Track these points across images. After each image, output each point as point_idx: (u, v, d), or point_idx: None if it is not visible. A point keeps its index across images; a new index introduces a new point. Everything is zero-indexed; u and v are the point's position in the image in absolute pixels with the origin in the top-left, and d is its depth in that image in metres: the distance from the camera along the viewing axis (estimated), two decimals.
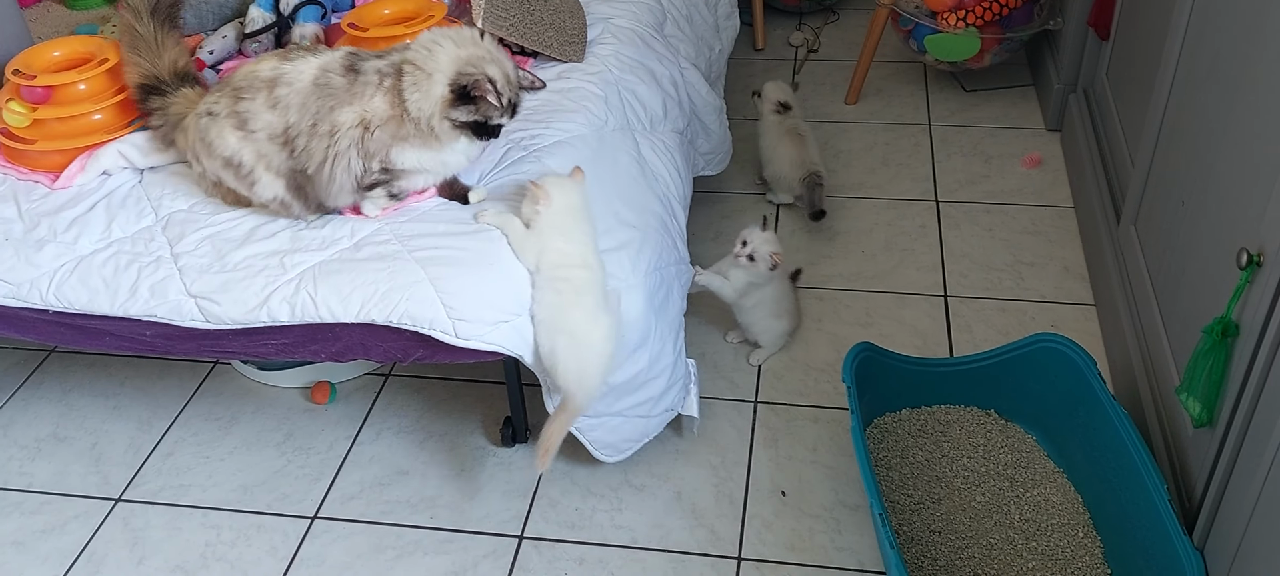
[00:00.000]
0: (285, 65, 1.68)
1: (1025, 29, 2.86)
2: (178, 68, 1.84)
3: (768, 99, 2.65)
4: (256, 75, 1.67)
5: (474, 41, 1.67)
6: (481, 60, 1.65)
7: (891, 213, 2.62)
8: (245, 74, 1.69)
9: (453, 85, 1.62)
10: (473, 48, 1.66)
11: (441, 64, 1.63)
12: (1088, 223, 2.41)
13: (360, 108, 1.64)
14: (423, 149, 1.67)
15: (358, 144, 1.65)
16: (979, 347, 2.17)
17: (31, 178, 1.85)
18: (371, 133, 1.65)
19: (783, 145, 2.58)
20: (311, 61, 1.68)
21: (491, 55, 1.66)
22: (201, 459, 2.04)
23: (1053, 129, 2.89)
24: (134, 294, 1.67)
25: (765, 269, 2.03)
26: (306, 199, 1.70)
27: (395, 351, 1.69)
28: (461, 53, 1.65)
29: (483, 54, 1.66)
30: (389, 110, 1.64)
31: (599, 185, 1.86)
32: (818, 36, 3.50)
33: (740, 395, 2.10)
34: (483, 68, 1.64)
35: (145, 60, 1.81)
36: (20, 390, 2.24)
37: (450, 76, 1.63)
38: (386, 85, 1.64)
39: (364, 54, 1.70)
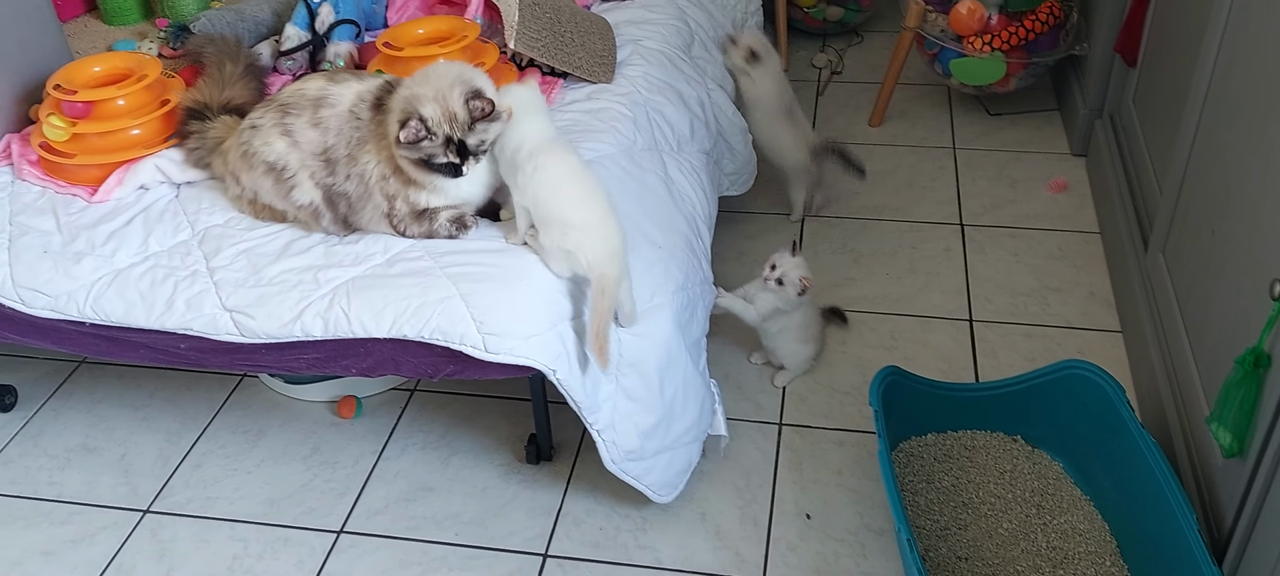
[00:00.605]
0: (331, 86, 1.72)
1: (1051, 54, 2.86)
2: (232, 103, 1.91)
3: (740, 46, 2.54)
4: (303, 93, 1.72)
5: (433, 76, 1.63)
6: (421, 98, 1.61)
7: (916, 235, 2.62)
8: (292, 91, 1.73)
9: (398, 122, 1.62)
10: (422, 85, 1.62)
11: (397, 100, 1.64)
12: (1114, 249, 2.41)
13: (376, 157, 1.68)
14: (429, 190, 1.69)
15: (381, 187, 1.70)
16: (1004, 373, 2.16)
17: (70, 191, 1.87)
18: (388, 179, 1.69)
19: (778, 128, 2.56)
20: (353, 87, 1.72)
21: (439, 92, 1.61)
22: (229, 471, 2.06)
23: (1078, 154, 2.89)
24: (170, 307, 1.69)
25: (794, 294, 2.03)
26: (335, 212, 1.73)
27: (425, 367, 1.70)
28: (410, 90, 1.63)
29: (427, 92, 1.61)
30: (392, 157, 1.68)
31: (627, 204, 1.88)
32: (841, 58, 3.51)
33: (765, 417, 2.10)
34: (417, 107, 1.60)
35: (207, 90, 1.89)
36: (51, 400, 2.26)
37: (397, 114, 1.63)
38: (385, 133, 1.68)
39: (396, 83, 1.72)
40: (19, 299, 1.75)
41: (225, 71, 1.92)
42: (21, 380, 2.30)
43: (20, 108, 2.03)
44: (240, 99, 1.93)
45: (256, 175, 1.75)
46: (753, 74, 2.52)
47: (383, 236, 1.75)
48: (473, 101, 1.62)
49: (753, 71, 2.52)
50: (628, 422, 1.76)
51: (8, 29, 1.98)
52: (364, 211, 1.72)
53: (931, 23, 2.94)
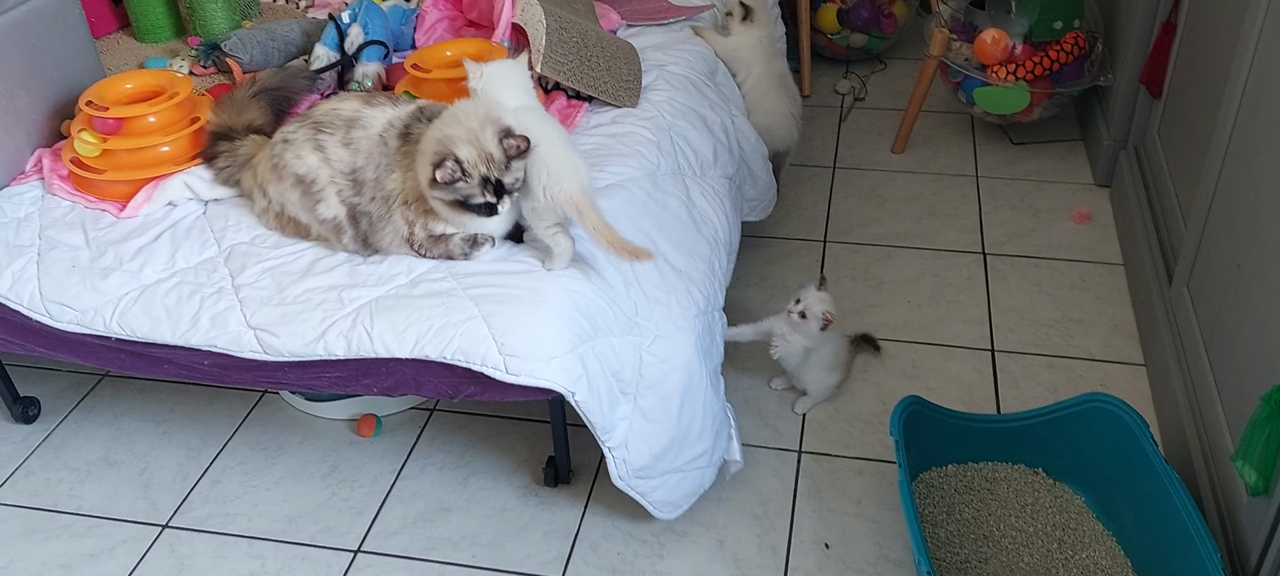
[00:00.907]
0: (365, 109, 1.74)
1: (1076, 84, 2.85)
2: (253, 124, 1.93)
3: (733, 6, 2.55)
4: (338, 113, 1.74)
5: (467, 115, 1.63)
6: (454, 139, 1.60)
7: (938, 263, 2.61)
8: (327, 110, 1.75)
9: (432, 164, 1.62)
10: (452, 126, 1.62)
11: (428, 142, 1.64)
12: (1138, 281, 2.40)
13: (401, 183, 1.69)
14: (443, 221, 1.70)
15: (402, 211, 1.71)
16: (1026, 404, 2.15)
17: (99, 206, 1.89)
18: (409, 205, 1.70)
19: (773, 95, 2.55)
20: (386, 111, 1.73)
21: (472, 133, 1.61)
22: (248, 487, 2.07)
23: (1102, 184, 2.88)
24: (195, 324, 1.71)
25: (816, 328, 2.02)
26: (357, 230, 1.75)
27: (446, 387, 1.70)
28: (440, 131, 1.63)
29: (459, 133, 1.61)
30: (413, 190, 1.69)
31: (650, 228, 1.88)
32: (865, 85, 3.51)
33: (784, 444, 2.10)
34: (452, 147, 1.60)
35: (226, 115, 1.91)
36: (73, 413, 2.27)
37: (430, 156, 1.63)
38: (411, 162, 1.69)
39: (431, 108, 1.74)
40: (46, 312, 1.77)
41: (236, 96, 1.94)
42: (45, 392, 2.32)
43: (52, 123, 2.06)
44: (259, 120, 1.95)
45: (285, 187, 1.76)
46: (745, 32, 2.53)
47: (406, 257, 1.76)
48: (506, 140, 1.63)
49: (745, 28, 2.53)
50: (641, 442, 1.76)
51: (42, 45, 2.01)
52: (384, 232, 1.73)
53: (955, 51, 2.94)
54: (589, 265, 1.74)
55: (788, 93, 2.59)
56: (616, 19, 2.50)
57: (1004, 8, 2.85)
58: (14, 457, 2.16)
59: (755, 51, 2.55)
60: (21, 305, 1.78)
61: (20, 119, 1.99)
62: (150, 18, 2.47)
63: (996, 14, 2.86)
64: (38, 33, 1.99)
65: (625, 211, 1.87)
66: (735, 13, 2.55)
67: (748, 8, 2.54)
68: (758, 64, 2.56)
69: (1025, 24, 2.80)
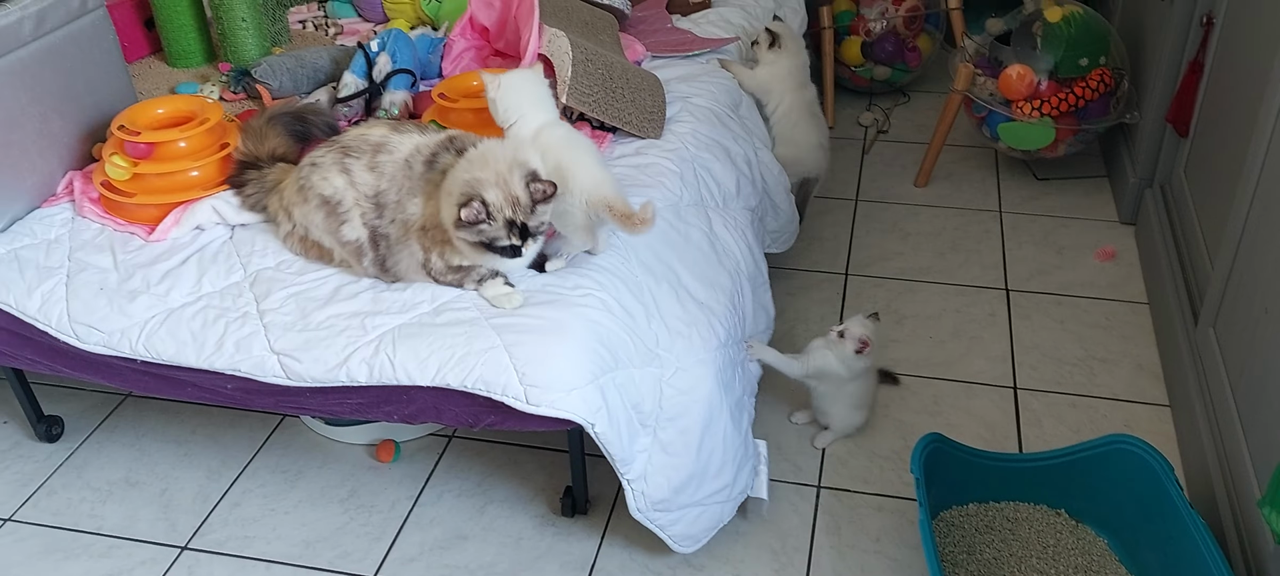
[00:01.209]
0: (393, 135, 1.76)
1: (1101, 121, 2.84)
2: (277, 152, 1.96)
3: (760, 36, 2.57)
4: (366, 138, 1.76)
5: (495, 157, 1.64)
6: (482, 182, 1.61)
7: (960, 299, 2.60)
8: (355, 136, 1.78)
9: (458, 204, 1.62)
10: (480, 168, 1.63)
11: (454, 182, 1.65)
12: (1163, 321, 2.38)
13: (422, 210, 1.70)
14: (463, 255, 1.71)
15: (419, 238, 1.72)
16: (1048, 443, 2.13)
17: (128, 229, 1.91)
18: (428, 233, 1.71)
19: (803, 126, 2.55)
20: (413, 138, 1.76)
21: (499, 176, 1.62)
22: (267, 511, 2.07)
23: (1127, 222, 2.86)
24: (220, 348, 1.72)
25: (850, 349, 2.01)
26: (376, 253, 1.76)
27: (466, 416, 1.71)
28: (468, 173, 1.64)
29: (487, 176, 1.62)
30: (436, 218, 1.70)
31: (671, 260, 1.89)
32: (888, 117, 3.51)
33: (803, 478, 2.09)
34: (479, 189, 1.61)
35: (250, 144, 1.94)
36: (96, 432, 2.29)
37: (457, 197, 1.63)
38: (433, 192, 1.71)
39: (461, 138, 1.75)
40: (73, 334, 1.79)
41: (254, 125, 1.96)
42: (68, 411, 2.34)
43: (84, 146, 2.08)
44: (282, 148, 1.97)
45: (310, 208, 1.78)
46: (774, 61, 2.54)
47: (430, 286, 1.77)
48: (533, 184, 1.64)
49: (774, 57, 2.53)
50: (660, 475, 1.75)
51: (77, 70, 2.04)
52: (401, 257, 1.74)
53: (980, 86, 2.94)
54: (611, 296, 1.74)
55: (816, 122, 2.60)
56: (642, 50, 2.51)
57: (1029, 44, 2.85)
58: (37, 476, 2.18)
59: (785, 82, 2.56)
60: (50, 326, 1.80)
61: (53, 141, 2.02)
62: (182, 43, 2.51)
63: (1022, 50, 2.86)
64: (73, 57, 2.03)
65: (647, 242, 1.87)
66: (762, 41, 2.56)
67: (775, 35, 2.54)
68: (788, 93, 2.56)
69: (1051, 60, 2.80)
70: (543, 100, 1.84)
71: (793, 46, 2.57)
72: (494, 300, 1.71)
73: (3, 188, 1.92)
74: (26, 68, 1.93)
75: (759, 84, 2.55)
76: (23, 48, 1.92)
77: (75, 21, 2.03)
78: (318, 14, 2.82)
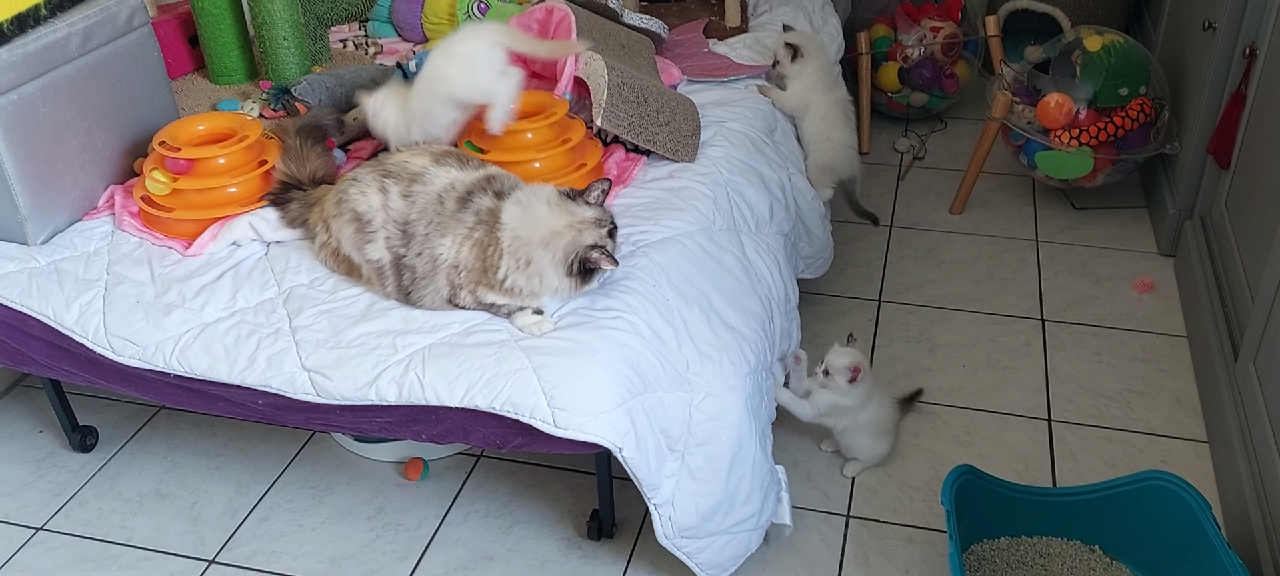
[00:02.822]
0: (433, 166, 1.79)
1: (1140, 151, 2.81)
2: (316, 175, 1.98)
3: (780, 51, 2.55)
4: (406, 166, 1.79)
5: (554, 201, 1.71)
6: (566, 232, 1.68)
7: (995, 328, 2.57)
8: (398, 161, 1.80)
9: (570, 269, 1.69)
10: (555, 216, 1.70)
11: (537, 238, 1.68)
12: (1202, 355, 2.34)
13: (455, 249, 1.72)
14: (506, 298, 1.73)
15: (449, 274, 1.73)
16: (1083, 478, 2.10)
17: (166, 243, 1.94)
18: (460, 272, 1.72)
19: (839, 125, 2.53)
20: (451, 174, 1.78)
21: (577, 217, 1.69)
22: (295, 526, 2.08)
23: (1166, 254, 2.82)
24: (252, 364, 1.73)
25: (843, 382, 2.00)
26: (399, 282, 1.77)
27: (495, 438, 1.71)
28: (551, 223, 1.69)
29: (564, 222, 1.69)
30: (473, 262, 1.71)
31: (704, 284, 1.88)
32: (924, 144, 3.49)
33: (832, 507, 2.07)
34: (580, 243, 1.68)
35: (292, 165, 1.97)
36: (129, 443, 2.32)
37: (559, 260, 1.68)
38: (476, 238, 1.72)
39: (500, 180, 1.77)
40: (109, 346, 1.81)
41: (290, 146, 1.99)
42: (102, 421, 2.37)
43: (126, 160, 2.12)
44: (321, 171, 1.99)
45: (343, 221, 1.80)
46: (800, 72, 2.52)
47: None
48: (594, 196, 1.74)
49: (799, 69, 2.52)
50: (688, 501, 1.74)
51: (121, 85, 2.07)
52: (426, 290, 1.75)
53: (1018, 114, 2.92)
54: (641, 318, 1.74)
55: (849, 122, 2.57)
56: (678, 74, 2.52)
57: (1068, 72, 2.82)
58: (70, 485, 2.20)
59: (817, 88, 2.53)
60: (87, 338, 1.82)
61: (97, 155, 2.05)
62: (224, 61, 2.55)
63: (1061, 78, 2.83)
64: (118, 73, 2.06)
65: (679, 266, 1.87)
66: (783, 57, 2.54)
67: (794, 48, 2.53)
68: (821, 96, 2.53)
69: (1090, 89, 2.77)
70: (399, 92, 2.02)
71: (814, 50, 2.54)
72: (525, 328, 1.71)
73: (47, 200, 1.95)
74: (72, 83, 1.97)
75: (796, 101, 2.53)
76: (69, 63, 1.96)
77: (121, 38, 2.06)
78: (358, 33, 2.85)
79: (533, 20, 2.34)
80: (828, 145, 2.53)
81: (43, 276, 1.89)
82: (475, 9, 2.64)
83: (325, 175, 1.99)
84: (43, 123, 1.91)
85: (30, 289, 1.88)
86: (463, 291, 1.73)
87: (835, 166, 2.55)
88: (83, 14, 1.98)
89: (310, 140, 2.01)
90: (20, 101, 1.87)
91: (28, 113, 1.88)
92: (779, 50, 2.55)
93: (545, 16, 2.31)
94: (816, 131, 2.54)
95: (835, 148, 2.53)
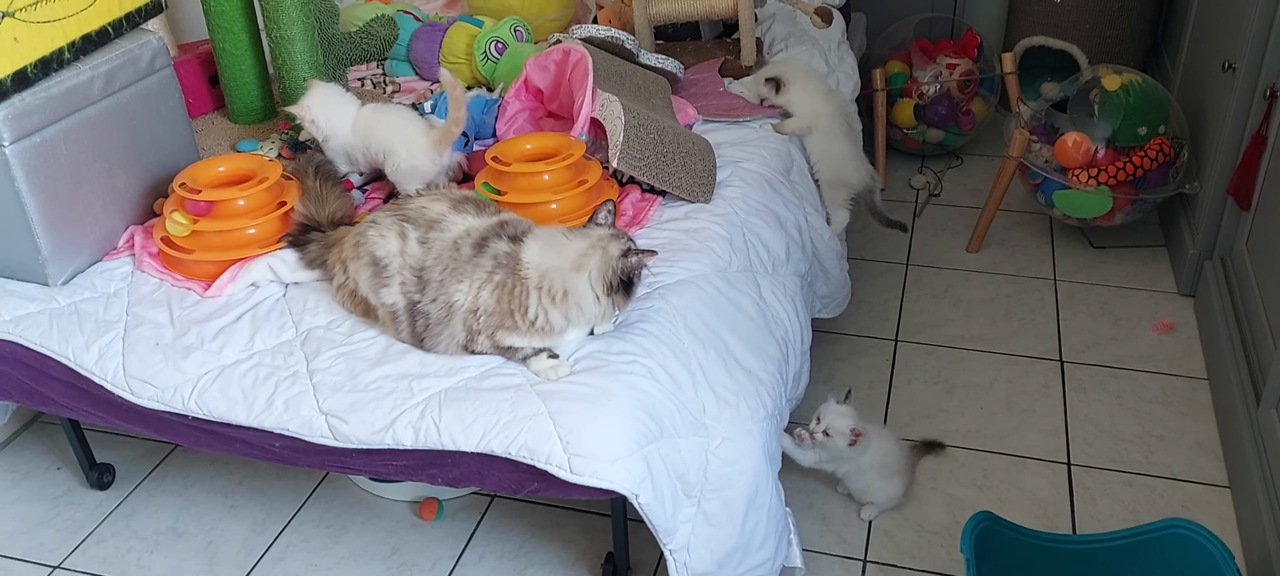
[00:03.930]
0: (450, 213, 1.80)
1: (1159, 191, 2.80)
2: (335, 217, 2.00)
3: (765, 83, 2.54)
4: (425, 213, 1.80)
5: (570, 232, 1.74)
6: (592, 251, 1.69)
7: (1013, 369, 2.55)
8: (417, 207, 1.81)
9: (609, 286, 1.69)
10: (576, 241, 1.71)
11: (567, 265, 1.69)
12: (1223, 399, 2.31)
13: (471, 294, 1.72)
14: (533, 337, 1.72)
15: (466, 319, 1.73)
16: (1104, 523, 2.08)
17: (185, 285, 1.95)
18: (478, 318, 1.72)
19: (838, 140, 2.50)
20: (468, 220, 1.79)
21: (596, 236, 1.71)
22: (310, 566, 2.08)
23: (1186, 294, 2.80)
24: (269, 406, 1.73)
25: (843, 445, 1.99)
26: (413, 327, 1.77)
27: (510, 482, 1.70)
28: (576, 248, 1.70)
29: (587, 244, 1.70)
30: (495, 305, 1.72)
31: (720, 327, 1.88)
32: (940, 180, 3.49)
33: (849, 552, 2.05)
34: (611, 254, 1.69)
35: (311, 207, 1.98)
36: (145, 481, 2.32)
37: (597, 279, 1.68)
38: (497, 280, 1.72)
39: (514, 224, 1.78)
40: (128, 388, 1.82)
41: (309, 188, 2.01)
42: (119, 458, 2.37)
43: (146, 200, 2.13)
44: (340, 212, 2.01)
45: (360, 264, 1.80)
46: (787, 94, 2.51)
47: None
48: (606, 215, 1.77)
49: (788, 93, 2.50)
50: (703, 547, 1.73)
51: (142, 126, 2.09)
52: (440, 336, 1.75)
53: (1035, 153, 2.91)
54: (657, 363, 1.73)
55: (852, 130, 2.55)
56: (693, 114, 2.52)
57: (1086, 111, 2.82)
58: (86, 523, 2.21)
59: (813, 100, 2.51)
60: (105, 380, 1.83)
61: (118, 196, 2.07)
62: (245, 100, 2.57)
63: (1079, 117, 2.82)
64: (139, 115, 2.08)
65: (695, 309, 1.87)
66: (767, 94, 2.54)
67: (775, 79, 2.52)
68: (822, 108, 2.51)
69: (1108, 128, 2.76)
70: (343, 97, 2.18)
71: (793, 71, 2.53)
72: (541, 373, 1.71)
73: (68, 241, 1.97)
74: (94, 125, 1.99)
75: (803, 121, 2.50)
76: (91, 106, 1.98)
77: (143, 80, 2.08)
78: (376, 72, 2.87)
79: (550, 60, 2.35)
80: (830, 159, 2.51)
81: (63, 318, 1.91)
82: (491, 49, 2.66)
83: (344, 216, 2.01)
84: (65, 165, 1.93)
85: (50, 330, 1.89)
86: (480, 337, 1.73)
87: (844, 179, 2.52)
88: (105, 57, 2.00)
89: (329, 181, 2.02)
90: (43, 144, 1.89)
91: (50, 155, 1.90)
92: (761, 90, 2.55)
93: (562, 57, 2.33)
94: (818, 147, 2.52)
95: (837, 159, 2.51)
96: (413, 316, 1.76)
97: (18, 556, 2.13)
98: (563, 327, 1.71)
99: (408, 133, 2.10)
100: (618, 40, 2.48)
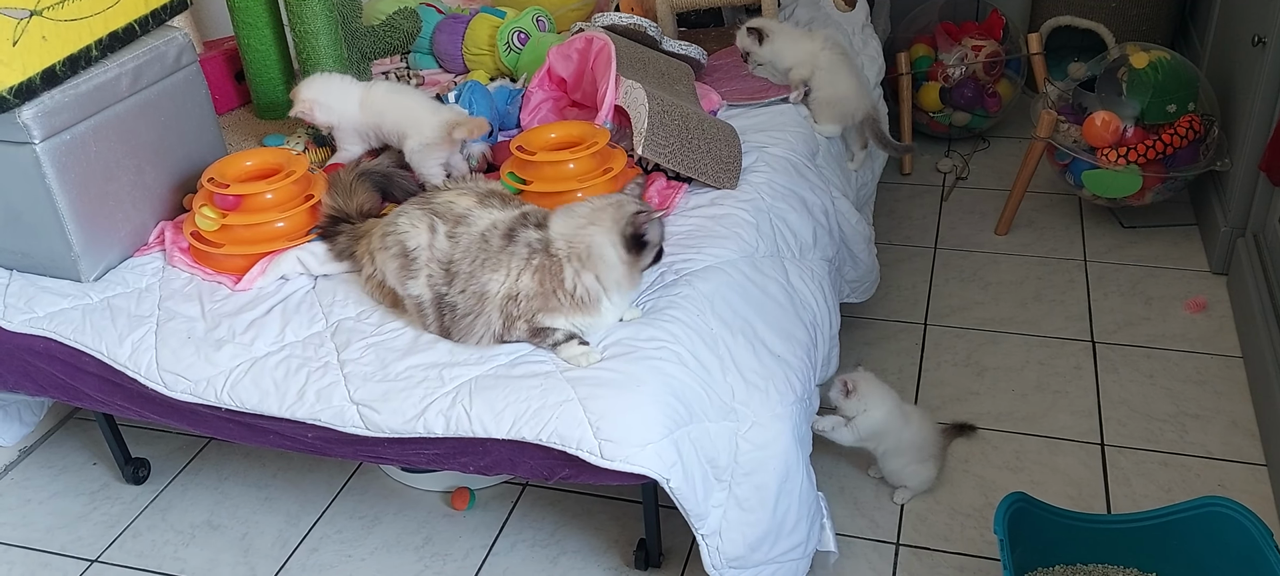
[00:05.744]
0: (477, 208, 1.80)
1: (1190, 169, 2.76)
2: (364, 208, 2.01)
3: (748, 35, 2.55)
4: (452, 207, 1.80)
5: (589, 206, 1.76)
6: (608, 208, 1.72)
7: (1044, 351, 2.53)
8: (445, 201, 1.81)
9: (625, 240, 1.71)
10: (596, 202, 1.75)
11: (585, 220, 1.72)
12: (1258, 376, 2.28)
13: (509, 281, 1.73)
14: (576, 314, 1.73)
15: (501, 308, 1.74)
16: (1138, 503, 2.06)
17: (216, 279, 1.96)
18: (518, 303, 1.73)
19: (842, 77, 2.49)
20: (493, 214, 1.79)
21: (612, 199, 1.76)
22: (344, 558, 2.09)
23: (1218, 272, 2.76)
24: (301, 397, 1.75)
25: (841, 397, 2.03)
26: (440, 320, 1.78)
27: (542, 469, 1.71)
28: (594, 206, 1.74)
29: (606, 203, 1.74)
30: (537, 287, 1.72)
31: (748, 313, 1.87)
32: (967, 164, 3.46)
33: (881, 535, 2.04)
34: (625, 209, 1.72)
35: (339, 199, 1.99)
36: (180, 475, 2.34)
37: (610, 227, 1.70)
38: (536, 263, 1.73)
39: (535, 213, 1.79)
40: (161, 382, 1.83)
41: (342, 178, 2.02)
42: (154, 453, 2.40)
43: (176, 196, 2.15)
44: (369, 204, 2.02)
45: (388, 255, 1.81)
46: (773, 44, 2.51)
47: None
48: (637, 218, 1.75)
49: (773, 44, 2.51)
50: (735, 531, 1.73)
51: (170, 122, 2.11)
52: (472, 326, 1.76)
53: (1064, 133, 2.88)
54: (686, 348, 1.73)
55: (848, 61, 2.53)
56: (717, 99, 2.52)
57: (1114, 90, 2.78)
58: (123, 517, 2.23)
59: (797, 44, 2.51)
60: (139, 374, 1.85)
61: (147, 192, 2.09)
62: (270, 96, 2.59)
63: (1107, 96, 2.79)
64: (167, 111, 2.10)
65: (723, 294, 1.86)
66: (751, 47, 2.54)
67: (757, 31, 2.52)
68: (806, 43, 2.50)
69: (1137, 106, 2.73)
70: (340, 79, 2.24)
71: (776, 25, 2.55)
72: (571, 359, 1.71)
73: (99, 237, 1.99)
74: (123, 121, 2.01)
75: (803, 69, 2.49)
76: (120, 102, 2.00)
77: (170, 77, 2.10)
78: (400, 65, 2.88)
79: (573, 49, 2.35)
80: (829, 88, 2.50)
81: (96, 313, 1.93)
82: (514, 40, 2.66)
83: (372, 208, 2.01)
84: (94, 161, 1.95)
85: (84, 326, 1.91)
86: (519, 321, 1.74)
87: (836, 102, 2.50)
88: (133, 54, 2.02)
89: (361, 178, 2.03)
90: (72, 141, 1.91)
91: (79, 152, 1.92)
92: (745, 44, 2.55)
93: (585, 45, 2.32)
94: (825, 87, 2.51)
95: (843, 90, 2.49)
96: (440, 308, 1.77)
97: (56, 550, 2.16)
98: (599, 296, 1.72)
99: (418, 114, 2.14)
100: (640, 27, 2.47)
